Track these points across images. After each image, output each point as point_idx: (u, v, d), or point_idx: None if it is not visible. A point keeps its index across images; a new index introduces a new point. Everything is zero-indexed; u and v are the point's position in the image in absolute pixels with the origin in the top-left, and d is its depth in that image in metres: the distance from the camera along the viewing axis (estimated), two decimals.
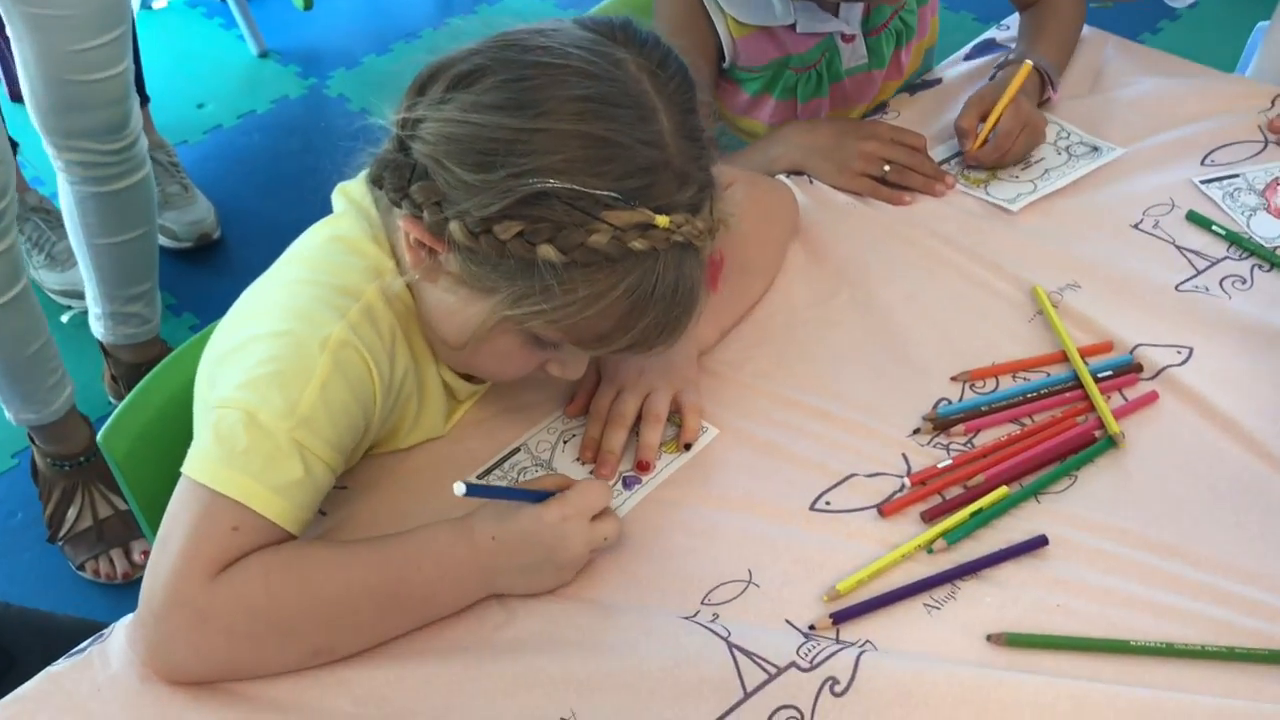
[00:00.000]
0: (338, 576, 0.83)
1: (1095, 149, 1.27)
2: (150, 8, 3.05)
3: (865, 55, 1.34)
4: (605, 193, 0.78)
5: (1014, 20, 1.44)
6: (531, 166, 0.77)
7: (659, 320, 0.83)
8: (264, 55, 2.88)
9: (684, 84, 0.85)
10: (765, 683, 0.82)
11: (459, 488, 0.81)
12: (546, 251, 0.78)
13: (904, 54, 1.37)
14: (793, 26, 1.28)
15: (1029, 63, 1.23)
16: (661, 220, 0.79)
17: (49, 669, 0.84)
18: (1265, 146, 1.27)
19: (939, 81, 1.39)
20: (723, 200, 0.87)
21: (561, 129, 0.78)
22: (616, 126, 0.79)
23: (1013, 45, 1.40)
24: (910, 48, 1.37)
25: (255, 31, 2.86)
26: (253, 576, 0.80)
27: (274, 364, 0.83)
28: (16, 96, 2.61)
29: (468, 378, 0.99)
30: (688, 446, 0.99)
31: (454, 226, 0.80)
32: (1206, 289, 1.11)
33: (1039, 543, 0.90)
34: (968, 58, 1.44)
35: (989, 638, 0.84)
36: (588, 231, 0.78)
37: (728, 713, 0.80)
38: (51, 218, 2.27)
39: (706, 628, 0.85)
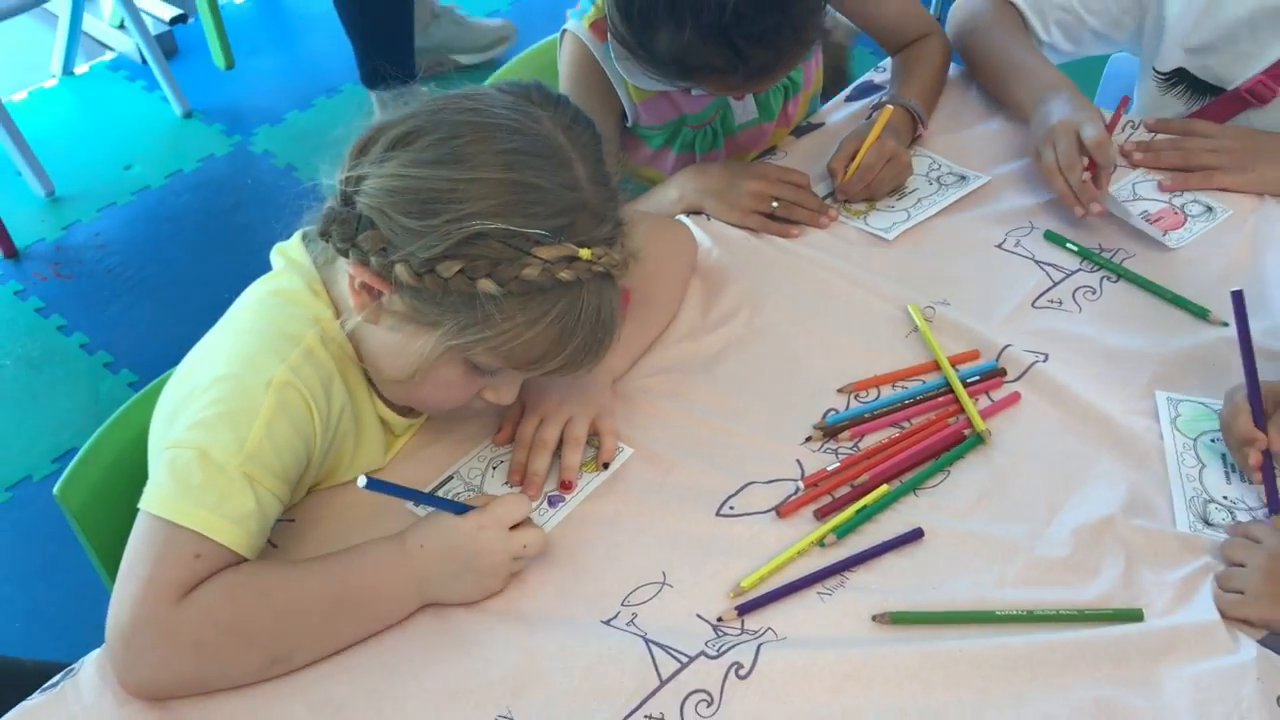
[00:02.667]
0: (291, 586, 0.92)
1: (963, 178, 1.40)
2: (72, 73, 3.11)
3: (755, 111, 1.46)
4: (534, 231, 0.89)
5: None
6: (468, 211, 0.88)
7: (586, 342, 0.94)
8: (188, 115, 2.94)
9: (593, 137, 0.97)
10: (678, 671, 0.92)
11: (360, 480, 0.91)
12: (486, 285, 0.88)
13: (791, 105, 1.49)
14: (688, 90, 1.39)
15: (889, 107, 1.36)
16: (584, 253, 0.90)
17: (23, 704, 0.91)
18: (1115, 168, 1.40)
19: (823, 125, 1.52)
20: (632, 237, 0.98)
21: (493, 178, 0.89)
22: (540, 174, 0.90)
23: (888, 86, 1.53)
24: (798, 99, 1.49)
25: (178, 92, 2.92)
26: (219, 592, 0.88)
27: (222, 405, 0.92)
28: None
29: (405, 413, 1.08)
30: (606, 465, 1.08)
31: (400, 269, 0.90)
32: (1060, 302, 1.24)
33: (915, 535, 1.01)
34: (849, 99, 1.56)
35: (874, 618, 0.95)
36: (521, 265, 0.89)
37: (646, 699, 0.90)
38: None
39: (624, 630, 0.95)
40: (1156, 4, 1.44)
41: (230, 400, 0.92)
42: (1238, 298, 1.04)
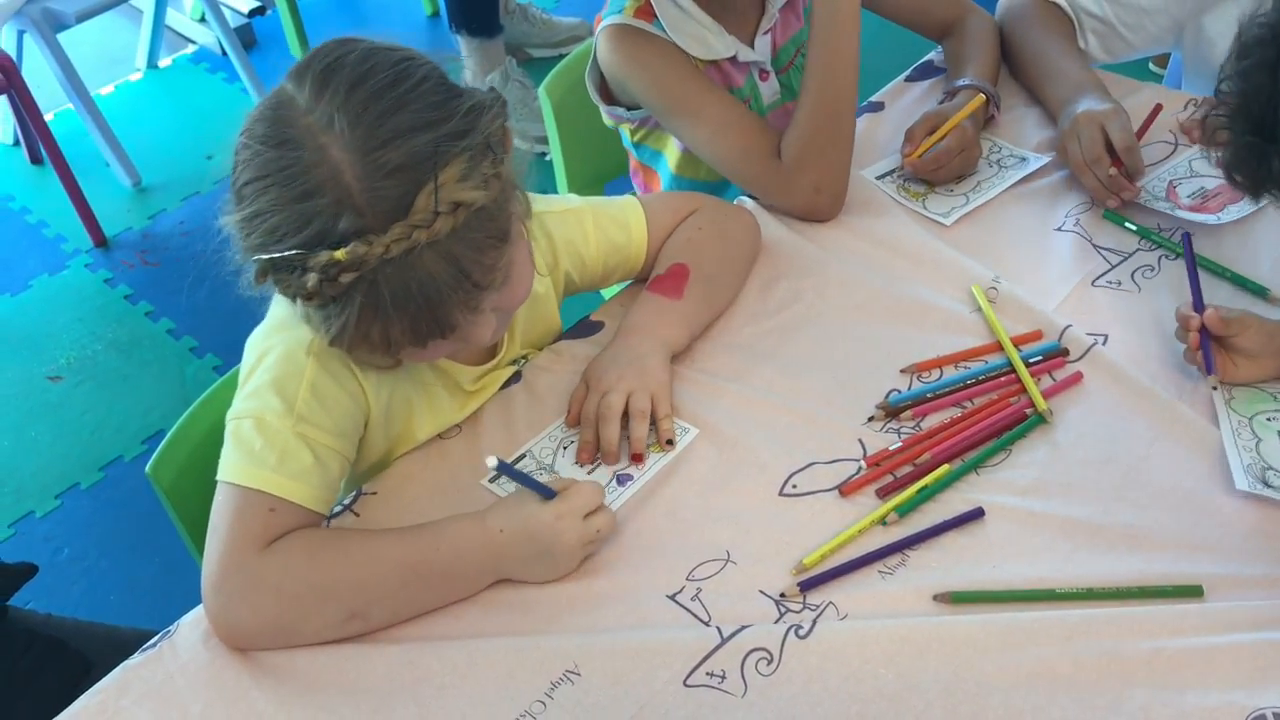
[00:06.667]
0: (369, 549, 0.98)
1: (1023, 159, 1.40)
2: (156, 66, 3.21)
3: (779, 90, 1.50)
4: (292, 252, 0.88)
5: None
6: (248, 246, 0.91)
7: (414, 321, 0.91)
8: None
9: (365, 100, 0.88)
10: (739, 630, 0.95)
11: (490, 460, 0.97)
12: (300, 302, 0.91)
13: None
14: (734, 58, 1.42)
15: (981, 95, 1.37)
16: (339, 254, 0.86)
17: (125, 663, 0.98)
18: (1175, 148, 1.40)
19: (881, 105, 1.53)
20: (455, 186, 0.88)
21: (244, 215, 0.91)
22: (274, 197, 0.88)
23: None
24: None
25: (257, 83, 3.00)
26: (296, 546, 0.96)
27: (270, 372, 1.00)
28: (36, 160, 2.79)
29: (467, 361, 1.12)
30: (670, 443, 1.11)
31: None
32: (1119, 282, 1.25)
33: (976, 514, 1.03)
34: (909, 79, 1.57)
35: (935, 597, 0.97)
36: (304, 283, 0.89)
37: (708, 656, 0.94)
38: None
39: (688, 609, 0.98)
40: (1195, 25, 1.44)
41: (277, 367, 1.00)
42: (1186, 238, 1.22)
